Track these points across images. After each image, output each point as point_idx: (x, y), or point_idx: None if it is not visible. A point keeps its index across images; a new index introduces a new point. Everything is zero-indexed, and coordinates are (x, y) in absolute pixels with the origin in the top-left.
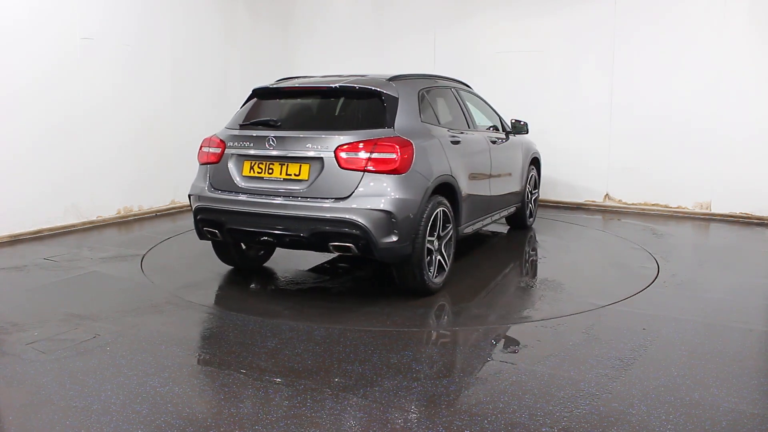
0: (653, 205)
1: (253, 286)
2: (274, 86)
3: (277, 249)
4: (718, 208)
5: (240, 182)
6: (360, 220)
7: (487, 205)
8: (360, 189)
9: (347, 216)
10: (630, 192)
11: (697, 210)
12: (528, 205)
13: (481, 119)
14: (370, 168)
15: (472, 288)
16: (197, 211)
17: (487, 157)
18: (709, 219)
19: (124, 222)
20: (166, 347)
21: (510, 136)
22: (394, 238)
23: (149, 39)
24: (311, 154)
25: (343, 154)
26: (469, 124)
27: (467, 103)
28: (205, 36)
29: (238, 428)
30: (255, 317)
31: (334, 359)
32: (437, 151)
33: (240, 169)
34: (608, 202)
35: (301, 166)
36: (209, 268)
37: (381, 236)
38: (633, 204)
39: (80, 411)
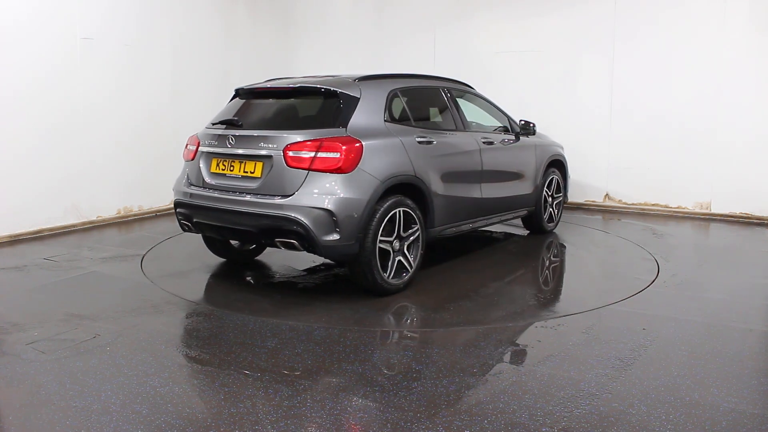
0: (653, 205)
1: (252, 281)
2: (250, 87)
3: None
4: (718, 208)
5: (208, 178)
6: (300, 217)
7: (477, 207)
8: (304, 187)
9: (289, 213)
10: (630, 192)
11: (697, 210)
12: (548, 208)
13: (487, 120)
14: (316, 167)
15: (472, 288)
16: (175, 205)
17: (476, 158)
18: (709, 219)
19: (124, 222)
20: (166, 347)
21: (521, 138)
22: (336, 237)
23: (149, 39)
24: (263, 152)
25: (290, 153)
26: (458, 124)
27: (460, 103)
28: (205, 36)
29: (238, 428)
30: (255, 317)
31: (334, 359)
32: (396, 151)
33: (209, 166)
34: (608, 202)
35: (255, 163)
36: (209, 268)
37: (322, 234)
38: (633, 204)
39: (80, 411)
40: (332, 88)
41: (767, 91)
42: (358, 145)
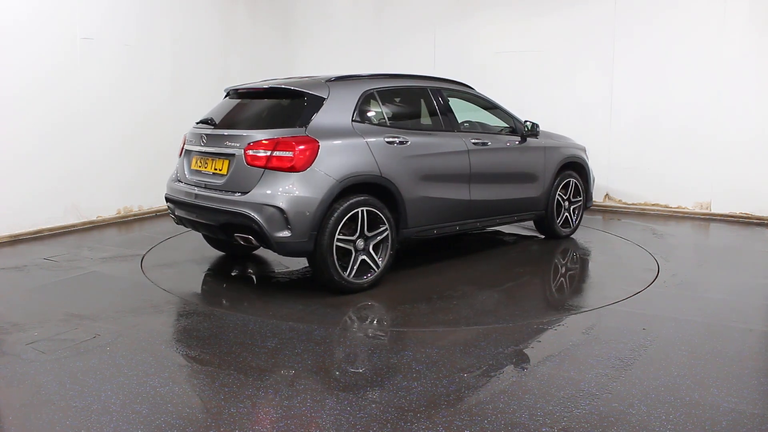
0: (653, 205)
1: (253, 278)
2: (234, 87)
3: None
4: (718, 208)
5: (188, 175)
6: (253, 214)
7: (464, 209)
8: (259, 185)
9: (243, 210)
10: (630, 192)
11: (697, 210)
12: (563, 213)
13: (493, 122)
14: (271, 165)
15: (474, 288)
16: (165, 199)
17: (463, 159)
18: (709, 219)
19: (124, 222)
20: (166, 347)
21: (528, 139)
22: (287, 234)
23: (149, 39)
24: (228, 151)
25: (250, 152)
26: (445, 125)
27: (452, 104)
28: (205, 36)
29: (238, 428)
30: (255, 317)
31: (334, 359)
32: (358, 151)
33: (189, 163)
34: (608, 202)
35: (223, 161)
36: (209, 267)
37: (274, 231)
38: (633, 204)
39: (80, 411)
40: (299, 89)
41: (767, 91)
42: (312, 145)
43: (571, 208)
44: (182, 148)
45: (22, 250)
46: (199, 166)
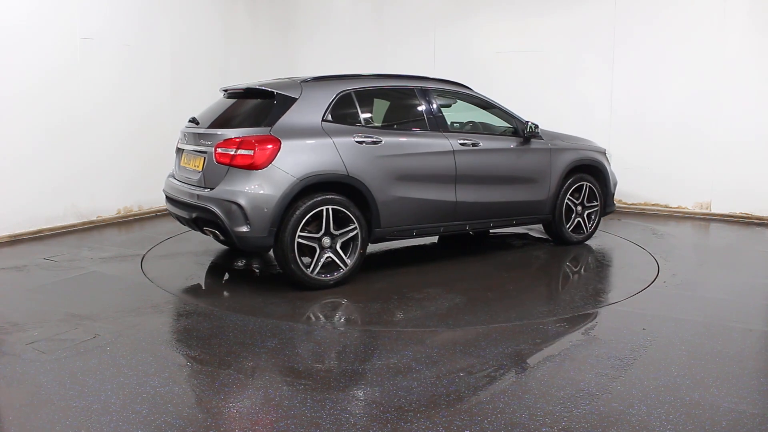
0: (653, 205)
1: (257, 275)
2: (224, 88)
3: None
4: (718, 208)
5: (178, 171)
6: (215, 208)
7: (449, 211)
8: (224, 181)
9: (208, 205)
10: (630, 192)
11: (697, 210)
12: (574, 218)
13: (497, 122)
14: (235, 163)
15: (442, 290)
16: (164, 194)
17: (447, 160)
18: (709, 219)
19: (124, 222)
20: (166, 347)
21: (531, 141)
22: (246, 229)
23: (149, 39)
24: (203, 149)
25: (219, 150)
26: (431, 125)
27: (442, 105)
28: (205, 36)
29: (238, 428)
30: (255, 317)
31: (334, 359)
32: (324, 150)
33: (180, 160)
34: None
35: (199, 159)
36: (209, 267)
37: (234, 225)
38: (633, 204)
39: (80, 411)
40: (271, 90)
41: (767, 91)
42: (273, 144)
43: (585, 213)
44: (177, 146)
45: (22, 250)
46: (186, 163)
